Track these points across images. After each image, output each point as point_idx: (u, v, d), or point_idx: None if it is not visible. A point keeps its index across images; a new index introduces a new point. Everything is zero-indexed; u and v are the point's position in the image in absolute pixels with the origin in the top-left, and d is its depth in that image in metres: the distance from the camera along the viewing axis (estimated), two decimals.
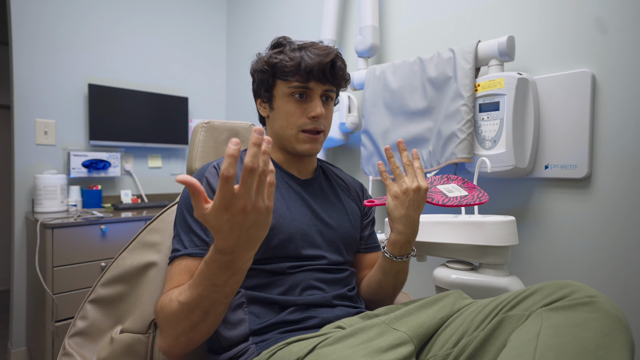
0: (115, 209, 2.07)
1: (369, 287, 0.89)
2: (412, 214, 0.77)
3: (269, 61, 0.83)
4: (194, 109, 2.58)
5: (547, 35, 1.18)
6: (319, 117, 0.81)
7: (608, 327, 0.51)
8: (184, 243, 0.74)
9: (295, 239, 0.79)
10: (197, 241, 0.74)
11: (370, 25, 1.53)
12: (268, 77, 0.84)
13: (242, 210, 0.52)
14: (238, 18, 2.62)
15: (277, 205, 0.80)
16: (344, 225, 0.88)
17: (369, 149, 1.51)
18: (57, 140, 2.05)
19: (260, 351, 0.70)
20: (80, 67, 2.12)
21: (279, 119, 0.84)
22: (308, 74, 0.79)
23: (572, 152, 1.11)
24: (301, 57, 0.80)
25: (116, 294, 0.87)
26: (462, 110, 1.19)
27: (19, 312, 1.95)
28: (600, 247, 1.09)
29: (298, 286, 0.77)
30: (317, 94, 0.82)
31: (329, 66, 0.80)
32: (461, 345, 0.64)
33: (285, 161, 0.88)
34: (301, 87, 0.81)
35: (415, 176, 0.77)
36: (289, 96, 0.82)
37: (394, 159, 0.78)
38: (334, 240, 0.85)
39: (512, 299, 0.63)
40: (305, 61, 0.79)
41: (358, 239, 0.93)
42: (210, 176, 0.80)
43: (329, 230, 0.85)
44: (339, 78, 0.84)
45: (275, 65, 0.82)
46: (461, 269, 1.05)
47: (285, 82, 0.82)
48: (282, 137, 0.84)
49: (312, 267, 0.80)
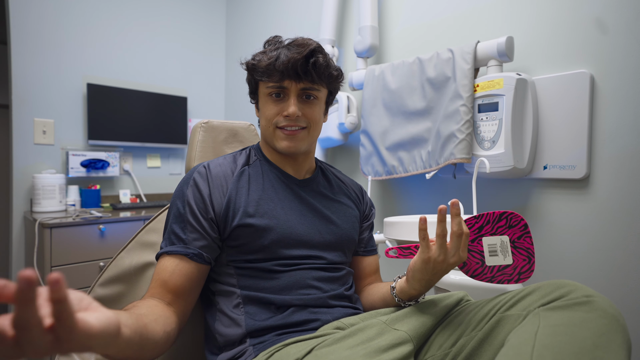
0: (114, 208, 2.07)
1: (372, 306, 0.87)
2: (434, 280, 0.71)
3: (248, 63, 0.83)
4: (193, 109, 2.58)
5: (546, 36, 1.18)
6: (292, 117, 0.78)
7: (605, 326, 0.51)
8: (165, 240, 0.77)
9: (288, 239, 0.78)
10: (175, 239, 0.75)
11: (369, 25, 1.53)
12: (251, 78, 0.84)
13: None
14: (237, 18, 2.62)
15: (272, 205, 0.80)
16: (342, 227, 0.87)
17: (368, 149, 1.51)
18: (56, 139, 2.05)
19: (257, 353, 0.70)
20: (79, 66, 2.12)
21: (261, 119, 0.84)
22: (281, 73, 0.77)
23: (570, 152, 1.11)
24: (277, 56, 0.78)
25: (115, 294, 0.87)
26: (461, 111, 1.19)
27: None
28: (598, 247, 1.10)
29: (294, 285, 0.77)
30: (293, 93, 0.80)
31: (301, 62, 0.76)
32: (459, 344, 0.64)
33: (280, 160, 0.87)
34: (276, 87, 0.79)
35: (459, 249, 0.67)
36: (267, 96, 0.81)
37: (444, 224, 0.67)
38: (331, 241, 0.84)
39: (509, 298, 0.63)
40: (279, 60, 0.77)
41: (357, 241, 0.92)
42: (198, 176, 0.79)
43: (326, 230, 0.84)
44: (318, 74, 0.79)
45: (252, 67, 0.82)
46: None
47: (264, 83, 0.81)
48: (266, 136, 0.84)
49: (308, 266, 0.79)
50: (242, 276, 0.76)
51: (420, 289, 0.72)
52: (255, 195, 0.79)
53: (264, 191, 0.81)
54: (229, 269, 0.77)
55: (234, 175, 0.81)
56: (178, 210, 0.77)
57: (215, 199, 0.77)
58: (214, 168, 0.81)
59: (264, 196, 0.80)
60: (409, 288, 0.73)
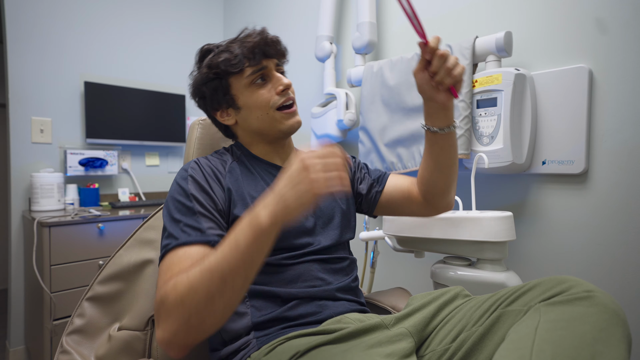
0: (113, 207, 2.06)
1: (430, 168, 0.86)
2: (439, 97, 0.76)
3: (212, 65, 0.81)
4: (191, 107, 2.57)
5: (545, 31, 1.18)
6: (289, 87, 0.81)
7: (605, 321, 0.52)
8: (174, 235, 0.68)
9: (288, 229, 0.78)
10: (190, 230, 0.68)
11: (367, 21, 1.52)
12: (219, 81, 0.82)
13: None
14: (235, 15, 2.61)
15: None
16: (331, 205, 0.88)
17: (367, 145, 1.51)
18: (54, 138, 2.04)
19: (260, 345, 0.70)
20: (76, 64, 2.11)
21: (253, 111, 0.82)
22: (255, 55, 0.79)
23: (569, 147, 1.11)
24: (240, 46, 0.80)
25: (114, 292, 0.86)
26: (459, 106, 1.19)
27: (17, 311, 1.95)
28: (597, 242, 1.10)
29: (299, 278, 0.77)
30: (273, 70, 0.83)
31: (268, 39, 0.81)
32: (460, 340, 0.64)
33: (267, 153, 0.87)
34: (257, 70, 0.81)
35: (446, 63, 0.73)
36: (250, 86, 0.81)
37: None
38: (325, 223, 0.85)
39: (510, 294, 0.63)
40: (246, 46, 0.80)
41: (354, 213, 0.93)
42: (194, 172, 0.76)
43: (319, 212, 0.85)
44: (281, 49, 0.84)
45: (221, 65, 0.80)
46: (459, 264, 1.05)
47: (240, 75, 0.81)
48: (263, 126, 0.83)
49: (311, 259, 0.79)
50: None
51: (439, 113, 0.78)
52: (249, 188, 0.79)
53: (257, 184, 0.81)
54: None
55: (225, 170, 0.81)
56: (184, 205, 0.70)
57: (216, 191, 0.75)
58: (205, 164, 0.79)
59: (257, 188, 0.80)
60: (432, 119, 0.80)
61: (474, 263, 1.05)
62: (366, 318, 0.74)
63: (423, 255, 1.21)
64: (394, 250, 1.28)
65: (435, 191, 0.87)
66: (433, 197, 0.88)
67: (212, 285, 0.55)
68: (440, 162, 0.84)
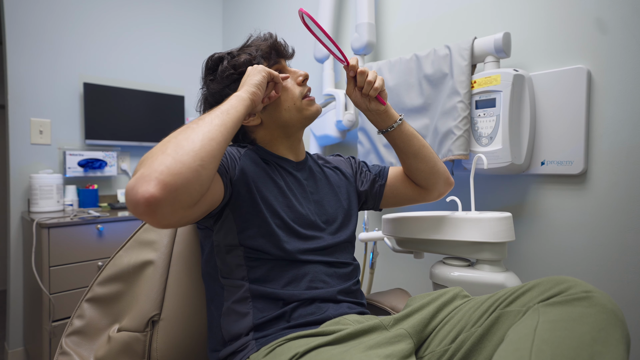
0: (112, 208, 2.06)
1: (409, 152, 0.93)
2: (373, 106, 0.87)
3: (237, 65, 0.83)
4: (190, 108, 2.57)
5: (543, 32, 1.18)
6: (307, 77, 0.87)
7: (604, 321, 0.52)
8: None
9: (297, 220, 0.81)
10: None
11: (366, 22, 1.53)
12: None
13: None
14: (234, 16, 2.61)
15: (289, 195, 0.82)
16: (336, 204, 0.90)
17: (366, 146, 1.51)
18: (53, 139, 2.04)
19: (259, 347, 0.70)
20: (75, 65, 2.11)
21: (282, 103, 0.84)
22: (271, 55, 0.86)
23: (568, 148, 1.11)
24: (257, 48, 0.85)
25: (113, 293, 0.86)
26: (458, 107, 1.19)
27: (16, 312, 1.94)
28: (596, 242, 1.10)
29: (302, 279, 0.77)
30: (287, 66, 0.89)
31: (279, 41, 0.88)
32: (459, 341, 0.64)
33: (285, 148, 0.89)
34: (278, 68, 0.87)
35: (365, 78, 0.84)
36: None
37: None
38: (328, 220, 0.86)
39: (509, 295, 0.63)
40: (261, 48, 0.85)
41: (356, 213, 0.95)
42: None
43: (324, 209, 0.87)
44: (291, 50, 0.91)
45: (246, 64, 0.83)
46: (458, 265, 1.05)
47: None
48: (291, 116, 0.85)
49: (317, 259, 0.80)
50: (252, 268, 0.76)
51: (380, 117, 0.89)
52: (261, 174, 0.80)
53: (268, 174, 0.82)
54: (239, 259, 0.77)
55: (241, 154, 0.81)
56: None
57: (231, 162, 0.76)
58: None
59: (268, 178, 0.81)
60: (378, 124, 0.91)
61: (473, 264, 1.06)
62: (365, 319, 0.74)
63: (422, 256, 1.21)
64: (393, 251, 1.28)
65: (424, 175, 0.95)
66: (426, 181, 0.96)
67: (179, 131, 0.66)
68: (410, 151, 0.92)
